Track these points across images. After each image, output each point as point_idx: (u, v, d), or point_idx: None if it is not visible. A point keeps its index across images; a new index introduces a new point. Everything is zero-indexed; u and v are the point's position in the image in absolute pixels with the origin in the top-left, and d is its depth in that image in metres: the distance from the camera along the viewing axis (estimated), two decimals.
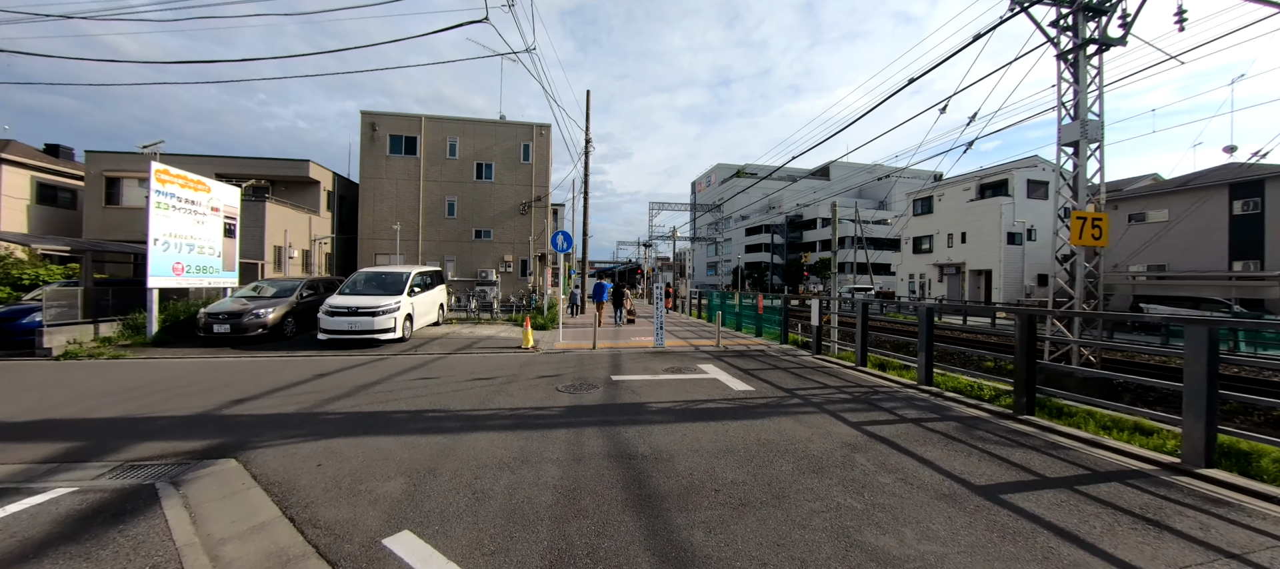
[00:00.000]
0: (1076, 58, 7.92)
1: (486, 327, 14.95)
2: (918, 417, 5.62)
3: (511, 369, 8.33)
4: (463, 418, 5.37)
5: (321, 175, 22.85)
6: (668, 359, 9.54)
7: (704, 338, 13.27)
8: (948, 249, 33.59)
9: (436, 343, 11.48)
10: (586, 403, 6.06)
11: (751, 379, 7.65)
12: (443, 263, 24.54)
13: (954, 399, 6.48)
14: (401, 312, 11.22)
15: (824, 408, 5.95)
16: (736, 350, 10.98)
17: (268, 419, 5.36)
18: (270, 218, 18.80)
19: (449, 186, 24.61)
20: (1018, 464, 4.18)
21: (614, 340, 12.48)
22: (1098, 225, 7.54)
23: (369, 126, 23.80)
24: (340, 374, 7.83)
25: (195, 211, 12.21)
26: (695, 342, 12.45)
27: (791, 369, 8.65)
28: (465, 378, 7.54)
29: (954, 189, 33.20)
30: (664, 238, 50.03)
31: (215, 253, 12.94)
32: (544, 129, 25.35)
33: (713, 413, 5.65)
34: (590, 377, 7.67)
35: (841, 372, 8.49)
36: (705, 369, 8.45)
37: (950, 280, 33.67)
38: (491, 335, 13.01)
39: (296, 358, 9.47)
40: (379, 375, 7.71)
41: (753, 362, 9.39)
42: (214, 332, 10.86)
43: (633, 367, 8.65)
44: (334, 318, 10.63)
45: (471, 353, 10.21)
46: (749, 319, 14.95)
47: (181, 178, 11.81)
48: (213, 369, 8.25)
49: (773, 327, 13.38)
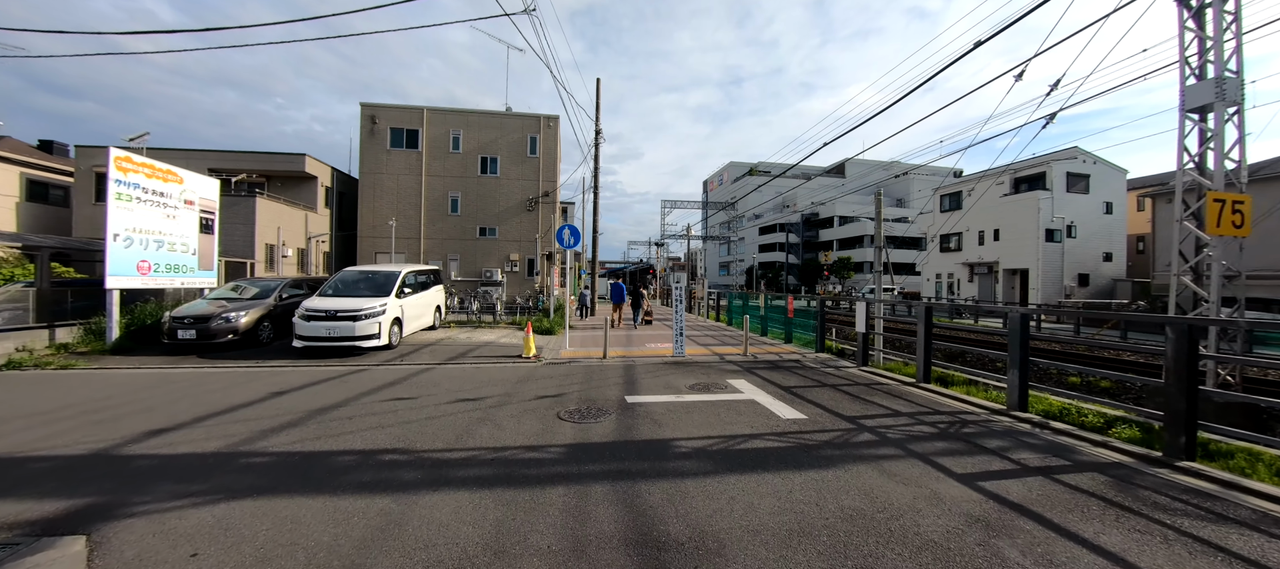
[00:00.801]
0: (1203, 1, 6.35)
1: (487, 331, 13.65)
2: (1042, 464, 4.15)
3: (506, 386, 6.98)
4: (427, 464, 4.02)
5: (319, 170, 21.79)
6: (691, 372, 8.12)
7: (728, 344, 11.83)
8: (978, 247, 31.70)
9: (427, 350, 10.19)
10: (594, 439, 4.67)
11: (798, 401, 6.20)
12: (445, 262, 23.37)
13: (1067, 433, 4.99)
14: (387, 316, 9.95)
15: (908, 448, 4.49)
16: (768, 361, 9.53)
17: (172, 464, 4.05)
18: (261, 214, 17.73)
19: (452, 182, 23.42)
20: (1252, 560, 2.71)
21: (627, 348, 11.10)
22: (1239, 210, 5.97)
23: (369, 119, 22.70)
24: (302, 393, 6.54)
25: (165, 204, 11.05)
26: (719, 349, 11.02)
27: (841, 386, 7.19)
28: (448, 398, 6.20)
29: (985, 183, 31.28)
30: (677, 236, 48.59)
31: (189, 250, 11.79)
32: (552, 121, 24.07)
33: (763, 457, 4.22)
34: (600, 397, 6.29)
35: (903, 390, 7.00)
36: (738, 387, 7.02)
37: (981, 280, 31.77)
38: (491, 341, 11.69)
39: (262, 369, 8.23)
40: (346, 394, 6.40)
41: (792, 376, 7.94)
42: (178, 338, 9.68)
43: (651, 383, 7.25)
44: (310, 323, 9.39)
45: (464, 363, 8.89)
46: (777, 323, 13.48)
47: (148, 167, 10.66)
48: (155, 385, 7.01)
49: (805, 332, 11.89)
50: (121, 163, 10.00)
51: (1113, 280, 28.94)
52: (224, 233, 17.59)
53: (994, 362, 11.21)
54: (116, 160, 9.88)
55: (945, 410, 5.95)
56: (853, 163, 76.05)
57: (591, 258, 22.10)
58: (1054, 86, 8.03)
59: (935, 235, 35.44)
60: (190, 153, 20.19)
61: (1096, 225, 29.11)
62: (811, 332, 11.46)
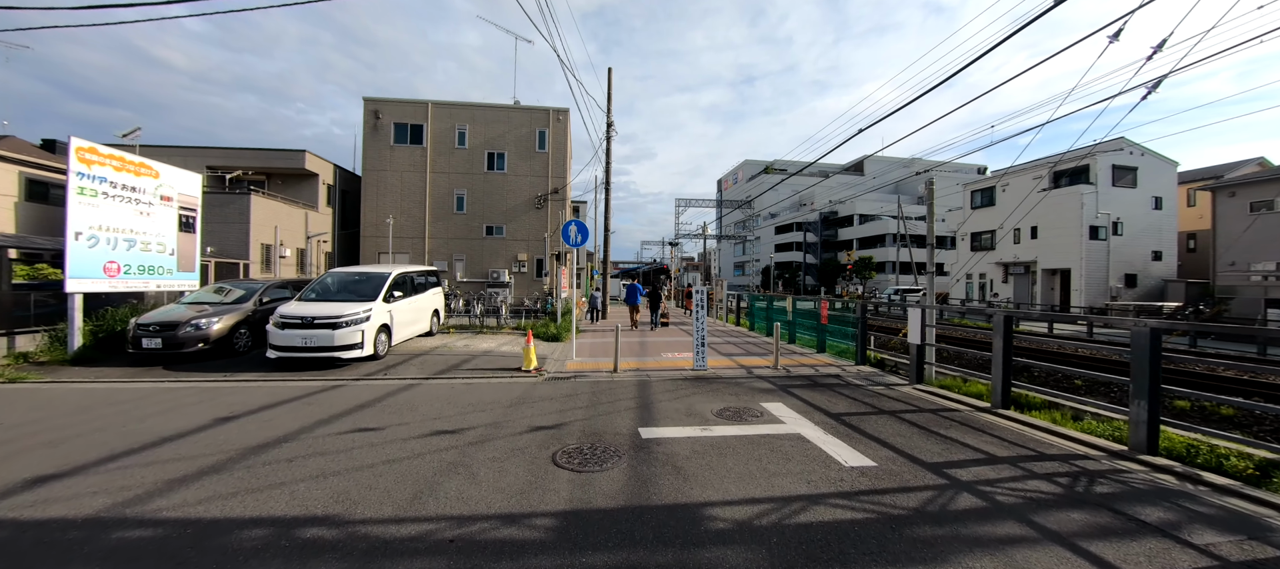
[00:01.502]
0: None
1: (488, 337, 12.56)
2: (1248, 560, 2.84)
3: (496, 411, 5.82)
4: (360, 549, 2.85)
5: (320, 167, 20.99)
6: (717, 392, 6.88)
7: (754, 355, 10.55)
8: (1014, 246, 29.83)
9: (417, 362, 9.10)
10: (597, 502, 3.46)
11: (859, 438, 4.92)
12: (451, 262, 22.43)
13: (1234, 493, 3.65)
14: (372, 322, 8.88)
15: (1037, 522, 3.20)
16: (803, 376, 8.24)
17: (16, 540, 2.95)
18: (256, 212, 16.91)
19: (457, 178, 22.46)
20: None
21: (641, 357, 9.89)
22: None
23: (372, 114, 21.85)
24: (252, 419, 5.46)
25: (137, 200, 10.15)
26: (744, 360, 9.75)
27: (903, 414, 5.89)
28: (421, 430, 5.06)
29: (1021, 177, 29.43)
30: (692, 236, 47.28)
31: (167, 250, 10.89)
32: (562, 114, 22.96)
33: (839, 541, 2.97)
34: (607, 430, 5.09)
35: (981, 420, 5.68)
36: (777, 413, 5.76)
37: (1017, 281, 29.91)
38: (490, 350, 10.58)
39: (225, 385, 7.20)
40: (302, 422, 5.30)
41: (838, 398, 6.65)
42: (143, 347, 8.73)
43: (670, 408, 6.03)
44: (285, 331, 8.36)
45: (455, 378, 7.76)
46: (807, 330, 12.16)
47: (117, 159, 9.75)
48: (88, 407, 6.00)
49: (840, 340, 10.57)
50: (84, 154, 9.08)
51: (1162, 281, 26.89)
52: (216, 232, 16.86)
53: (1069, 379, 9.78)
54: (78, 152, 8.96)
55: (1051, 452, 4.63)
56: (872, 160, 73.84)
57: (603, 258, 20.95)
58: (1158, 48, 6.61)
59: (966, 234, 33.61)
60: (188, 150, 19.53)
61: (1145, 222, 27.11)
62: (848, 339, 10.14)
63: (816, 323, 11.23)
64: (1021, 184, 29.64)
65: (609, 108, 19.54)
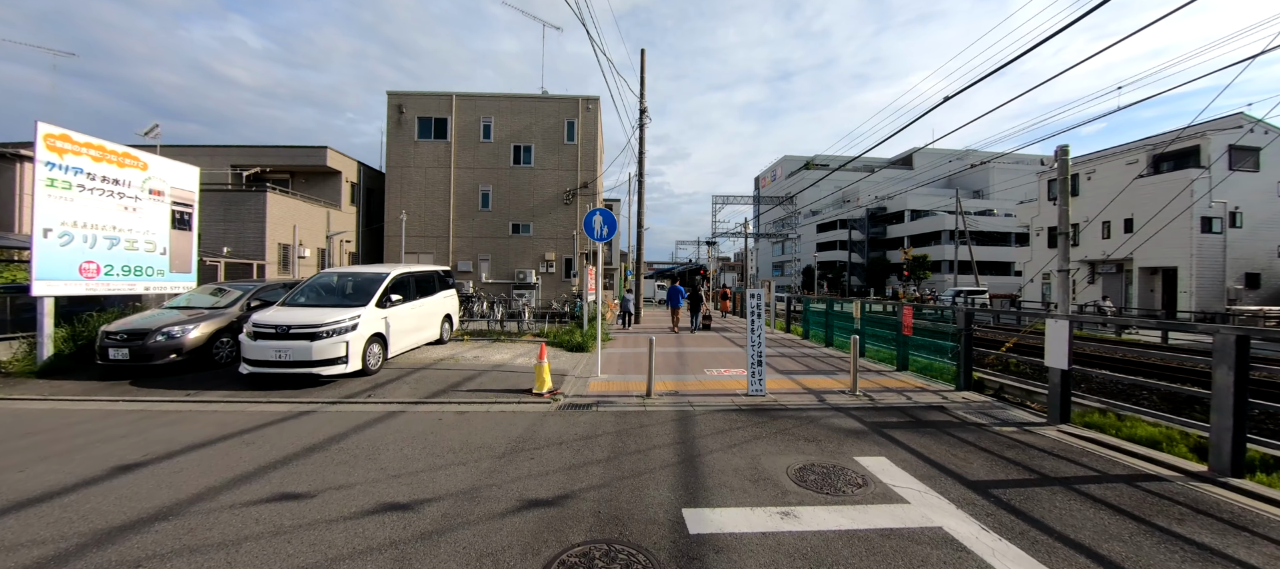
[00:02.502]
0: None
1: (505, 346, 11.08)
2: None
3: (479, 466, 4.20)
4: None
5: (343, 164, 20.25)
6: (787, 435, 5.03)
7: (818, 372, 8.58)
8: (1102, 241, 26.23)
9: (411, 380, 7.65)
10: None
11: (1048, 543, 2.99)
12: (475, 262, 21.29)
13: None
14: (361, 332, 7.49)
15: None
16: (895, 406, 6.26)
17: None
18: (273, 210, 16.14)
19: (482, 174, 21.30)
20: None
21: (680, 375, 8.12)
22: None
23: (396, 108, 20.97)
24: (159, 468, 4.05)
25: (121, 194, 9.19)
26: (808, 380, 7.81)
27: (1082, 485, 3.88)
28: (361, 504, 3.47)
29: (1112, 163, 25.84)
30: (730, 234, 45.06)
31: (157, 248, 9.93)
32: (592, 102, 21.43)
33: None
34: (634, 512, 3.36)
35: (1208, 496, 3.63)
36: (889, 480, 3.88)
37: (1107, 281, 26.32)
38: (503, 364, 9.06)
39: (173, 409, 5.92)
40: (211, 481, 3.83)
41: (964, 449, 4.68)
42: (110, 358, 7.65)
43: (726, 464, 4.24)
44: (258, 342, 7.06)
45: (447, 404, 6.23)
46: (881, 341, 10.06)
47: (96, 148, 8.79)
48: (8, 434, 4.76)
49: (928, 355, 8.46)
50: (54, 142, 8.11)
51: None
52: (232, 232, 16.21)
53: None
54: (46, 138, 7.99)
55: None
56: (922, 153, 69.37)
57: (635, 257, 19.27)
58: None
59: (1042, 228, 30.06)
60: (211, 149, 19.14)
61: (1269, 211, 23.13)
62: (942, 356, 8.04)
63: (896, 333, 9.13)
64: (1111, 170, 26.05)
65: (642, 92, 17.87)
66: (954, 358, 7.53)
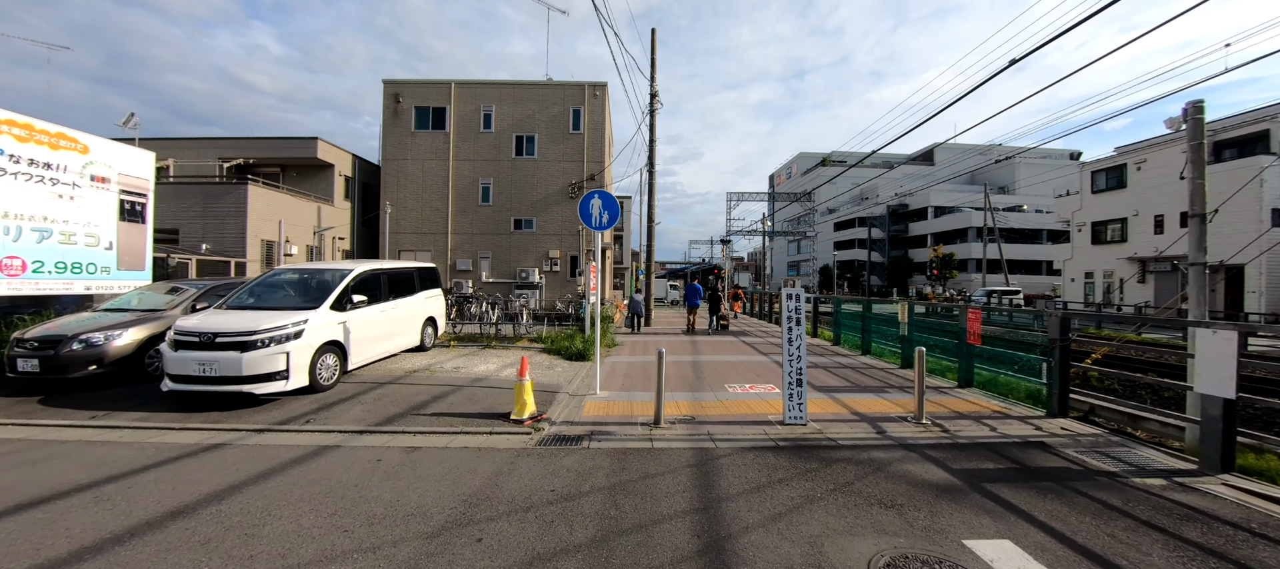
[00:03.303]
0: None
1: (495, 354, 9.73)
2: None
3: (406, 550, 2.79)
4: None
5: (336, 157, 19.13)
6: (847, 488, 3.56)
7: (864, 390, 7.05)
8: (1155, 236, 24.09)
9: (368, 399, 6.32)
10: None
11: None
12: (475, 260, 20.04)
13: None
14: (307, 340, 6.17)
15: None
16: (982, 443, 4.73)
17: None
18: (255, 204, 15.03)
19: (482, 166, 20.03)
20: None
21: (696, 392, 6.67)
22: None
23: (392, 97, 19.80)
24: None
25: (54, 180, 8.03)
26: (855, 401, 6.29)
27: None
28: None
29: (1166, 151, 23.68)
30: (745, 232, 43.38)
31: (101, 242, 8.78)
32: (599, 88, 20.04)
33: None
34: None
35: None
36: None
37: (1160, 281, 24.17)
38: (486, 376, 7.71)
39: (60, 436, 4.64)
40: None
41: (1111, 517, 3.16)
42: (19, 370, 6.44)
43: (772, 554, 2.78)
44: (180, 353, 5.78)
45: (400, 435, 4.86)
46: (934, 350, 8.48)
47: (21, 126, 7.63)
48: None
49: (998, 370, 6.88)
50: None
51: None
52: (211, 227, 15.13)
53: None
54: None
55: None
56: (943, 148, 66.84)
57: (646, 255, 17.84)
58: None
59: (1083, 224, 27.93)
60: (200, 141, 18.16)
61: None
62: (1024, 373, 6.47)
63: (957, 341, 7.55)
64: (1165, 159, 23.90)
65: (653, 74, 16.43)
66: (1044, 378, 5.96)
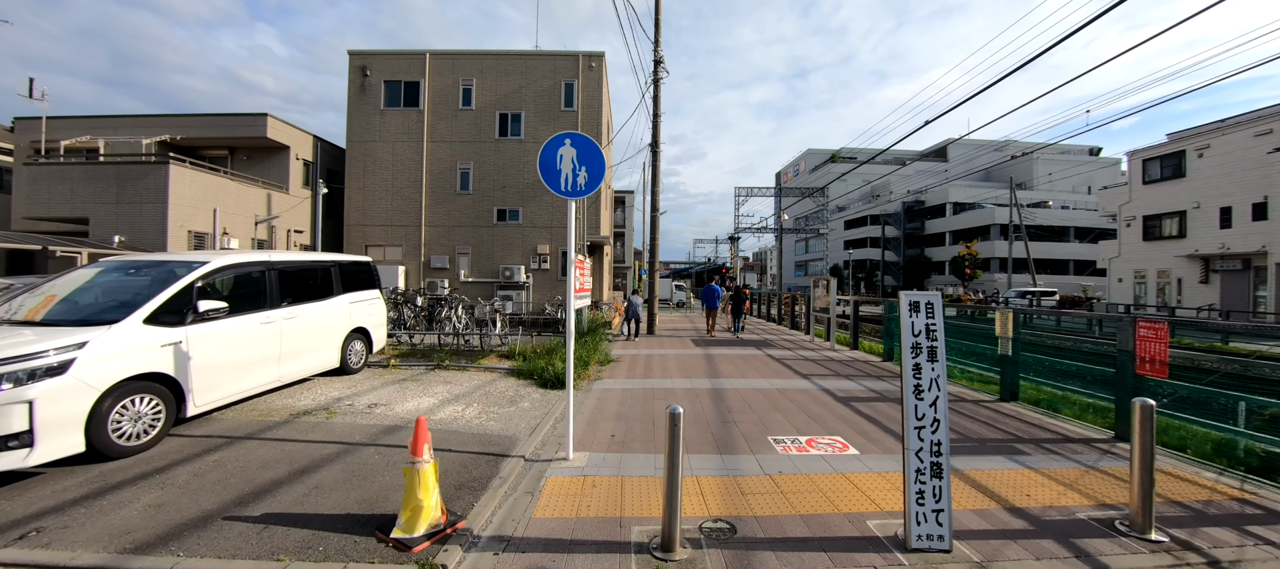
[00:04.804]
0: None
1: (441, 381, 7.24)
2: None
3: None
4: None
5: (291, 137, 16.66)
6: None
7: (989, 453, 4.51)
8: (1221, 231, 21.46)
9: (181, 475, 3.85)
10: None
11: None
12: (453, 256, 17.57)
13: None
14: (75, 380, 3.72)
15: None
16: None
17: None
18: (181, 188, 12.58)
19: (461, 148, 17.55)
20: None
21: (725, 452, 4.14)
22: None
23: (358, 70, 17.35)
24: None
25: None
26: (988, 477, 3.74)
27: None
28: None
29: (1234, 135, 21.06)
30: (754, 229, 40.85)
31: None
32: (595, 59, 17.52)
33: None
34: None
35: None
36: None
37: (1227, 281, 21.52)
38: (407, 422, 5.21)
39: None
40: None
41: None
42: None
43: None
44: None
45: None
46: (1047, 374, 5.94)
47: None
48: None
49: (1182, 418, 4.34)
50: None
51: None
52: (125, 215, 12.70)
53: None
54: None
55: None
56: (957, 144, 64.11)
57: (649, 250, 15.35)
58: None
59: (1132, 218, 25.28)
60: (135, 119, 15.73)
61: None
62: (1254, 432, 3.92)
63: (1117, 367, 5.01)
64: (1231, 144, 21.28)
65: (657, 39, 13.97)
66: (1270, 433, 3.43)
